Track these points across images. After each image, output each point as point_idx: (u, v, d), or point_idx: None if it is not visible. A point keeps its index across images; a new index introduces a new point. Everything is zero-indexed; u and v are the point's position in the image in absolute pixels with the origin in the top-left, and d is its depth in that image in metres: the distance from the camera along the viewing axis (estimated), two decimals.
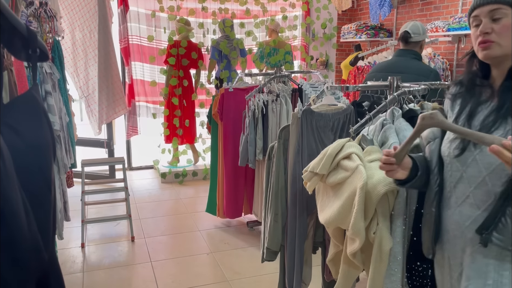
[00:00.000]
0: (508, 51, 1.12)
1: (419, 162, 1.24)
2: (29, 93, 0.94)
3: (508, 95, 1.10)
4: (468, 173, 1.14)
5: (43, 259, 0.86)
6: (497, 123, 1.09)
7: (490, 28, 1.11)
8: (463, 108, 1.20)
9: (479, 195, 1.11)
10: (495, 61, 1.15)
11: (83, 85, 4.67)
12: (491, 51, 1.12)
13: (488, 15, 1.12)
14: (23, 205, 0.78)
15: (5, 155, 0.73)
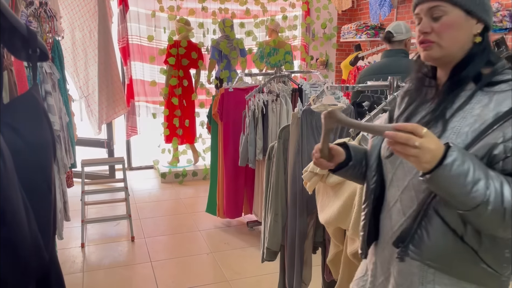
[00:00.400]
0: (449, 52, 1.03)
1: (354, 154, 1.20)
2: (29, 93, 0.94)
3: (446, 97, 1.03)
4: (397, 176, 1.09)
5: (44, 258, 0.86)
6: (428, 125, 1.02)
7: (430, 28, 1.03)
8: (407, 107, 1.14)
9: (405, 201, 1.05)
10: (437, 62, 1.08)
11: (83, 85, 4.67)
12: (431, 52, 1.04)
13: (428, 13, 1.03)
14: (24, 205, 0.78)
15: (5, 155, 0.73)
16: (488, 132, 0.93)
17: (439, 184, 0.88)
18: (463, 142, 0.95)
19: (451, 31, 1.02)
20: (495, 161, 0.93)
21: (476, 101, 0.99)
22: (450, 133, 0.97)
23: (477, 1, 1.01)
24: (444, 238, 0.98)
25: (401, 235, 1.03)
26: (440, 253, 0.99)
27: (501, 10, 3.56)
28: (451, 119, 0.99)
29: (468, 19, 1.02)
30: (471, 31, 1.03)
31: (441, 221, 0.97)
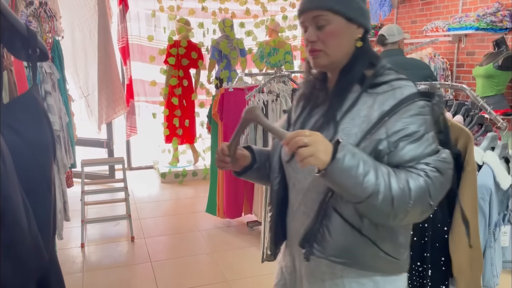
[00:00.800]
0: (335, 58, 1.08)
1: (258, 156, 1.24)
2: (29, 93, 0.93)
3: (335, 100, 1.08)
4: (298, 180, 1.12)
5: (43, 259, 0.85)
6: (321, 128, 1.07)
7: (316, 36, 1.06)
8: (302, 111, 1.18)
9: (308, 203, 1.09)
10: (325, 68, 1.13)
11: (83, 85, 4.66)
12: (320, 60, 1.09)
13: (313, 22, 1.07)
14: (23, 205, 0.78)
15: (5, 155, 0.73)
16: (373, 130, 1.00)
17: (334, 178, 0.94)
18: (354, 142, 1.00)
19: (335, 39, 1.06)
20: (381, 155, 0.99)
21: (362, 102, 1.05)
22: (341, 135, 1.02)
23: (355, 8, 1.06)
24: (344, 233, 1.03)
25: (306, 236, 1.07)
26: (342, 248, 1.04)
27: (501, 10, 3.56)
28: (341, 121, 1.05)
29: (349, 25, 1.06)
30: (353, 37, 1.08)
31: (339, 217, 1.03)
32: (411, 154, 0.98)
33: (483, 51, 3.92)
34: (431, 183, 0.96)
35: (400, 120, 0.99)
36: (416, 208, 0.96)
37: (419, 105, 1.01)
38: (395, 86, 1.04)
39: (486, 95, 3.49)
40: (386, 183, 0.94)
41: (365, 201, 0.94)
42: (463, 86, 2.02)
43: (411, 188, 0.94)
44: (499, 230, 1.70)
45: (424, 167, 0.97)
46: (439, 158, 1.00)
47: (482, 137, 1.83)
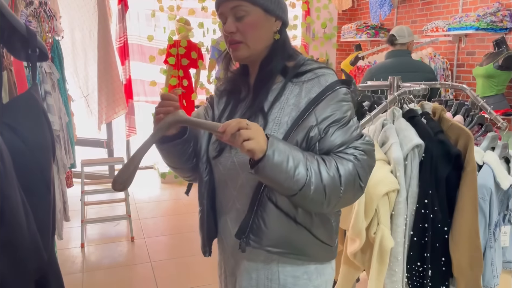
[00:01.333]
0: (256, 50, 1.08)
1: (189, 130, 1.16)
2: (28, 93, 0.93)
3: (260, 92, 1.08)
4: (230, 177, 1.10)
5: (43, 259, 0.85)
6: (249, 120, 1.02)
7: (235, 27, 1.05)
8: (226, 106, 1.17)
9: (242, 199, 1.08)
10: (246, 61, 1.12)
11: (83, 84, 4.66)
12: (240, 52, 1.07)
13: (231, 13, 1.05)
14: (23, 205, 0.78)
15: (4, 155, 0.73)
16: (303, 117, 1.02)
17: (266, 174, 0.93)
18: (285, 130, 1.02)
19: (255, 30, 1.06)
20: (312, 142, 1.01)
21: (288, 92, 1.06)
22: (273, 125, 1.04)
23: (273, 0, 1.06)
24: (279, 222, 1.04)
25: (241, 227, 1.06)
26: (278, 237, 1.05)
27: (501, 10, 3.56)
28: (270, 111, 1.05)
29: (268, 17, 1.07)
30: (272, 29, 1.09)
31: (274, 206, 1.03)
32: (341, 139, 1.01)
33: (483, 51, 3.92)
34: (360, 166, 1.00)
35: (328, 107, 1.01)
36: (347, 193, 1.00)
37: (343, 92, 1.04)
38: (319, 73, 1.06)
39: (486, 95, 3.49)
40: (317, 173, 0.95)
41: (298, 193, 0.96)
42: (463, 86, 2.02)
43: (341, 174, 0.97)
44: (499, 230, 1.70)
45: (353, 151, 1.00)
46: (365, 141, 1.03)
47: (482, 137, 1.83)
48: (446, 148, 1.49)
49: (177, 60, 4.81)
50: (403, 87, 1.81)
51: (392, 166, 1.49)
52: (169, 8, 4.72)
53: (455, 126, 1.57)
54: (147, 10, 5.19)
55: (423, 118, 1.62)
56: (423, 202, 1.51)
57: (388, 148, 1.53)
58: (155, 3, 4.72)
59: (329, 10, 5.40)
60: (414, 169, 1.50)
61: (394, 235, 1.50)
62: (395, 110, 1.64)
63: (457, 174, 1.51)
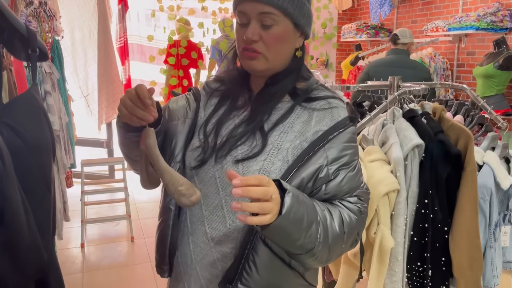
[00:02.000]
0: (274, 65, 0.95)
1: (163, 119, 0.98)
2: (28, 92, 0.93)
3: (262, 107, 0.95)
4: (204, 194, 0.95)
5: (43, 259, 0.85)
6: (244, 136, 0.93)
7: (259, 35, 0.91)
8: (217, 110, 1.01)
9: (214, 223, 0.93)
10: (258, 73, 0.98)
11: (83, 84, 4.66)
12: (256, 63, 0.93)
13: (258, 18, 0.90)
14: (23, 205, 0.78)
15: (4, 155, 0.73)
16: (311, 153, 0.89)
17: (278, 234, 0.79)
18: (284, 158, 0.90)
19: (279, 44, 0.92)
20: (319, 183, 0.89)
21: (295, 115, 0.95)
22: (271, 148, 0.91)
23: (305, 14, 0.94)
24: (272, 267, 0.92)
25: (227, 276, 0.92)
26: (269, 283, 0.93)
27: (501, 10, 3.56)
28: (271, 132, 0.93)
29: (295, 32, 0.95)
30: (295, 45, 0.97)
31: (268, 250, 0.91)
32: (349, 186, 0.92)
33: (483, 51, 3.92)
34: (361, 220, 0.92)
35: (340, 147, 0.91)
36: (347, 245, 0.92)
37: (352, 131, 0.95)
38: (333, 105, 0.96)
39: (487, 95, 3.49)
40: (326, 231, 0.84)
41: (305, 254, 0.84)
42: (464, 86, 2.02)
43: (345, 231, 0.88)
44: (499, 230, 1.69)
45: (357, 202, 0.93)
46: (365, 189, 0.97)
47: (483, 137, 1.83)
48: (446, 148, 1.49)
49: (177, 60, 4.81)
50: (403, 87, 1.81)
51: (392, 166, 1.49)
52: (169, 8, 4.72)
53: (455, 126, 1.57)
54: (147, 10, 5.20)
55: (423, 118, 1.62)
56: (423, 202, 1.51)
57: (388, 148, 1.53)
58: (155, 3, 4.72)
59: (329, 10, 5.40)
60: (414, 169, 1.50)
61: (394, 235, 1.50)
62: (395, 110, 1.64)
63: (457, 174, 1.51)
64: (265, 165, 0.90)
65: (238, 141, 0.94)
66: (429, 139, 1.50)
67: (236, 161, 0.92)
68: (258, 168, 0.90)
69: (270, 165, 0.90)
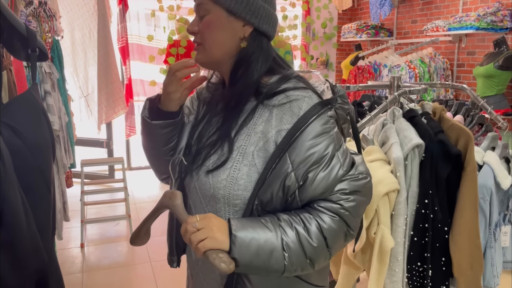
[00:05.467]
0: (214, 56, 0.93)
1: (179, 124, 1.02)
2: (28, 92, 0.93)
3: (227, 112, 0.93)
4: (193, 202, 0.98)
5: (43, 259, 0.85)
6: (216, 145, 0.92)
7: (197, 27, 0.92)
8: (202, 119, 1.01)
9: None
10: (207, 66, 0.97)
11: (83, 84, 4.66)
12: (198, 55, 0.94)
13: (197, 11, 0.93)
14: (23, 205, 0.78)
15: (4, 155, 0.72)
16: (277, 159, 0.85)
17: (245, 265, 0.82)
18: (250, 163, 0.87)
19: (211, 31, 0.91)
20: (290, 192, 0.86)
21: (258, 115, 0.91)
22: (237, 154, 0.89)
23: (240, 1, 0.90)
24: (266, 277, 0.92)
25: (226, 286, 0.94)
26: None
27: (502, 10, 3.56)
28: (236, 137, 0.91)
29: (231, 20, 0.91)
30: (237, 34, 0.92)
31: None
32: (324, 185, 0.85)
33: (483, 51, 3.92)
34: (347, 215, 0.86)
35: (303, 147, 0.85)
36: (337, 248, 0.89)
37: (321, 122, 0.87)
38: (292, 97, 0.89)
39: (487, 95, 3.49)
40: (297, 251, 0.83)
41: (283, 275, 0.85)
42: (464, 86, 2.02)
43: (326, 237, 0.84)
44: (500, 230, 1.69)
45: (339, 198, 0.86)
46: (355, 176, 0.88)
47: (483, 137, 1.83)
48: (446, 148, 1.49)
49: (177, 60, 4.81)
50: (403, 87, 1.81)
51: (392, 166, 1.49)
52: (169, 8, 4.72)
53: (455, 126, 1.57)
54: (147, 10, 5.19)
55: (423, 118, 1.62)
56: (423, 202, 1.51)
57: (388, 148, 1.53)
58: (155, 3, 4.72)
59: (329, 10, 5.40)
60: (414, 169, 1.50)
61: (394, 235, 1.50)
62: (395, 110, 1.64)
63: (457, 174, 1.51)
64: (231, 172, 0.88)
65: (210, 151, 0.93)
66: (429, 139, 1.50)
67: (207, 172, 0.91)
68: (225, 177, 0.88)
69: (236, 172, 0.88)
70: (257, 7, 0.91)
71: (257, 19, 0.92)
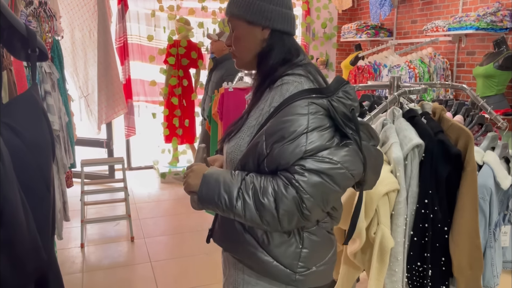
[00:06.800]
0: (245, 61, 1.15)
1: None
2: (28, 92, 0.93)
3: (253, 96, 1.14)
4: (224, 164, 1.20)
5: (42, 259, 0.85)
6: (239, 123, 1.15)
7: (230, 41, 1.15)
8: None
9: None
10: (244, 69, 1.20)
11: (83, 84, 4.66)
12: (236, 63, 1.18)
13: (230, 27, 1.15)
14: (23, 205, 0.78)
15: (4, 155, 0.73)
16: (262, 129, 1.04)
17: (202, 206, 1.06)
18: (251, 134, 1.07)
19: (240, 42, 1.13)
20: (260, 159, 1.02)
21: (263, 97, 1.10)
22: (245, 128, 1.10)
23: (254, 11, 1.09)
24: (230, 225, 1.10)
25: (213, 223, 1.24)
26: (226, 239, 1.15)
27: (501, 10, 3.56)
28: (250, 115, 1.12)
29: (251, 28, 1.11)
30: (258, 38, 1.12)
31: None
32: (285, 157, 0.97)
33: (483, 51, 3.92)
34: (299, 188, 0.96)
35: (277, 122, 1.00)
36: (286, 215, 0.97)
37: (299, 105, 0.99)
38: (284, 81, 1.06)
39: (486, 95, 3.49)
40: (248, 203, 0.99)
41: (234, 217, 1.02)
42: (463, 86, 2.02)
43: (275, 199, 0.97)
44: (499, 230, 1.70)
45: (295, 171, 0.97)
46: (320, 158, 0.97)
47: (482, 137, 1.83)
48: (446, 148, 1.49)
49: (177, 60, 4.81)
50: (403, 87, 1.81)
51: (392, 166, 1.49)
52: (169, 8, 4.72)
53: (455, 126, 1.57)
54: (147, 10, 5.19)
55: (423, 118, 1.62)
56: (423, 202, 1.51)
57: (388, 148, 1.53)
58: (155, 3, 4.72)
59: (329, 10, 5.40)
60: (414, 169, 1.50)
61: (394, 235, 1.50)
62: (395, 110, 1.64)
63: (457, 174, 1.51)
64: (238, 141, 1.10)
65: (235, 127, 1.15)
66: (429, 139, 1.50)
67: (227, 141, 1.15)
68: (233, 145, 1.11)
69: (240, 141, 1.09)
70: (269, 12, 1.09)
71: (271, 22, 1.10)
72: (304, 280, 1.09)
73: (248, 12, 1.09)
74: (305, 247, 1.07)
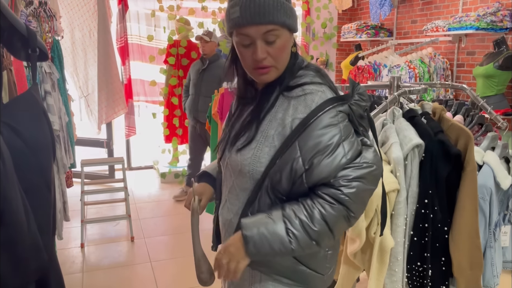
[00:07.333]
0: (282, 70, 1.07)
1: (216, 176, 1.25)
2: (28, 92, 0.93)
3: (263, 99, 1.08)
4: (225, 176, 1.15)
5: (43, 259, 0.85)
6: (245, 129, 1.09)
7: (266, 53, 1.01)
8: (235, 111, 1.19)
9: (232, 199, 1.12)
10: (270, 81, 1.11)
11: (83, 84, 4.66)
12: (268, 76, 1.05)
13: (262, 38, 1.00)
14: (23, 205, 0.78)
15: (4, 155, 0.73)
16: (289, 144, 0.99)
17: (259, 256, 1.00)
18: (271, 144, 1.02)
19: (284, 52, 1.04)
20: (298, 174, 0.99)
21: (279, 104, 1.05)
22: (261, 137, 1.04)
23: (293, 16, 1.03)
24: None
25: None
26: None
27: (502, 10, 3.56)
28: (262, 122, 1.06)
29: (291, 36, 1.06)
30: (291, 44, 1.07)
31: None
32: (327, 170, 0.97)
33: (483, 51, 3.92)
34: (347, 200, 0.97)
35: (311, 136, 0.98)
36: (339, 229, 1.00)
37: (329, 115, 0.99)
38: (307, 91, 1.02)
39: (486, 95, 3.49)
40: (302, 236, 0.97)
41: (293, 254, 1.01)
42: (463, 86, 2.02)
43: (327, 221, 0.97)
44: (499, 230, 1.70)
45: (341, 184, 0.97)
46: (359, 164, 0.98)
47: (482, 137, 1.83)
48: (446, 148, 1.49)
49: (177, 60, 4.81)
50: (403, 87, 1.81)
51: (392, 166, 1.49)
52: (169, 8, 4.72)
53: (455, 126, 1.57)
54: (147, 10, 5.19)
55: (423, 118, 1.62)
56: (423, 202, 1.51)
57: (388, 148, 1.53)
58: (155, 3, 4.72)
59: (329, 10, 5.40)
60: (414, 169, 1.50)
61: (394, 235, 1.50)
62: (395, 110, 1.64)
63: (457, 174, 1.51)
64: (255, 152, 1.04)
65: (240, 133, 1.09)
66: (429, 139, 1.50)
67: (237, 150, 1.08)
68: (250, 155, 1.04)
69: (259, 151, 1.03)
70: (295, 15, 1.04)
71: (296, 25, 1.05)
72: (327, 280, 1.15)
73: (293, 19, 1.02)
74: (330, 248, 1.12)
